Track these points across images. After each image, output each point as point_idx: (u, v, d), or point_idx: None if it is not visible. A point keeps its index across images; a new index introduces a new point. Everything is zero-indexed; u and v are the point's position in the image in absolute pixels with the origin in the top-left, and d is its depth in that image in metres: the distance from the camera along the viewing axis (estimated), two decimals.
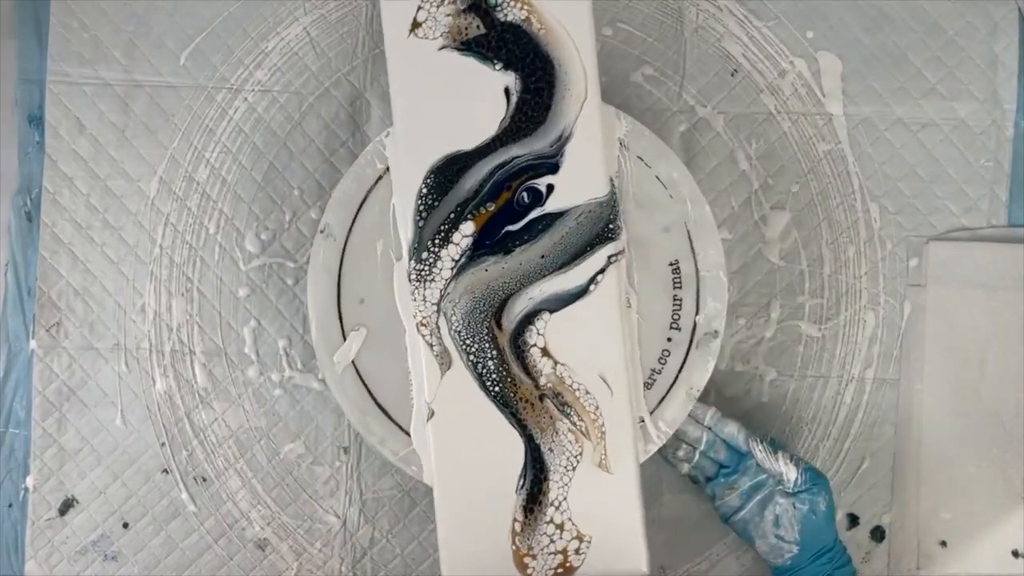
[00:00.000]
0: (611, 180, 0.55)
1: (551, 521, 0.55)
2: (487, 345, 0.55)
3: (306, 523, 0.66)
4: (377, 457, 0.66)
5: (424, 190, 0.54)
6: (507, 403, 0.55)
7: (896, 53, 0.66)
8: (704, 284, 0.58)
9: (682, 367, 0.58)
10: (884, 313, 0.66)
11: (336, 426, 0.66)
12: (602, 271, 0.55)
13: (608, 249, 0.55)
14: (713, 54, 0.66)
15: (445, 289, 0.55)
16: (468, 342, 0.55)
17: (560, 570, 0.55)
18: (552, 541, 0.55)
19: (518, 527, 0.55)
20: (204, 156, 0.66)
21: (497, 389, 0.55)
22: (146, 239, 0.66)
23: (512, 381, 0.55)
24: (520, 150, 0.54)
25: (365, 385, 0.58)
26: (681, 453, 0.63)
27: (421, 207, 0.55)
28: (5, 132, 0.66)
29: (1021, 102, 0.66)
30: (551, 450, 0.55)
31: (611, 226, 0.55)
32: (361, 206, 0.57)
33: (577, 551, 0.55)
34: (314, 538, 0.66)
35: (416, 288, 0.55)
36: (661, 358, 0.58)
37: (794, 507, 0.58)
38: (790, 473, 0.59)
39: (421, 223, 0.55)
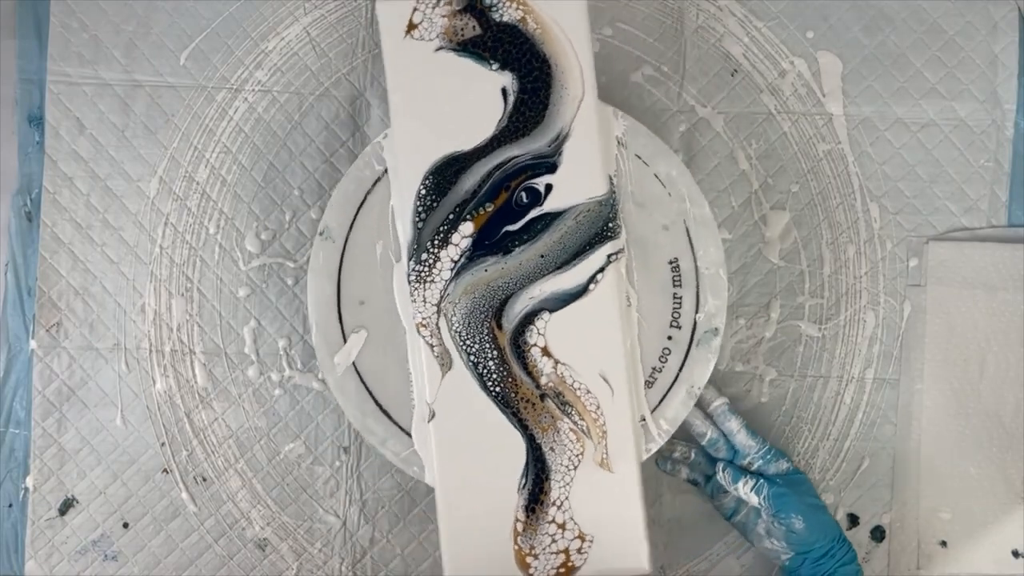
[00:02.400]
0: (610, 178, 0.55)
1: (553, 521, 0.55)
2: (487, 345, 0.55)
3: (306, 523, 0.66)
4: (377, 457, 0.66)
5: (423, 191, 0.54)
6: (508, 403, 0.55)
7: (896, 53, 0.66)
8: (704, 282, 0.58)
9: (683, 365, 0.58)
10: (884, 313, 0.66)
11: (336, 426, 0.66)
12: (602, 270, 0.55)
13: (607, 248, 0.55)
14: (713, 54, 0.66)
15: (445, 290, 0.55)
16: (468, 342, 0.55)
17: (562, 570, 0.55)
18: (554, 541, 0.55)
19: (520, 527, 0.55)
20: (204, 156, 0.66)
21: (498, 389, 0.55)
22: (146, 239, 0.66)
23: (513, 381, 0.55)
24: (518, 150, 0.54)
25: (365, 386, 0.58)
26: (677, 454, 0.63)
27: (420, 208, 0.54)
28: (5, 132, 0.66)
29: (1021, 102, 0.66)
30: (552, 449, 0.55)
31: (610, 225, 0.55)
32: (360, 207, 0.58)
33: (579, 550, 0.55)
34: (314, 538, 0.66)
35: (416, 289, 0.55)
36: (662, 356, 0.58)
37: (773, 525, 0.59)
38: (751, 500, 0.59)
39: (420, 224, 0.55)
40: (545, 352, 0.55)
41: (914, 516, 0.66)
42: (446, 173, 0.54)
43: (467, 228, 0.55)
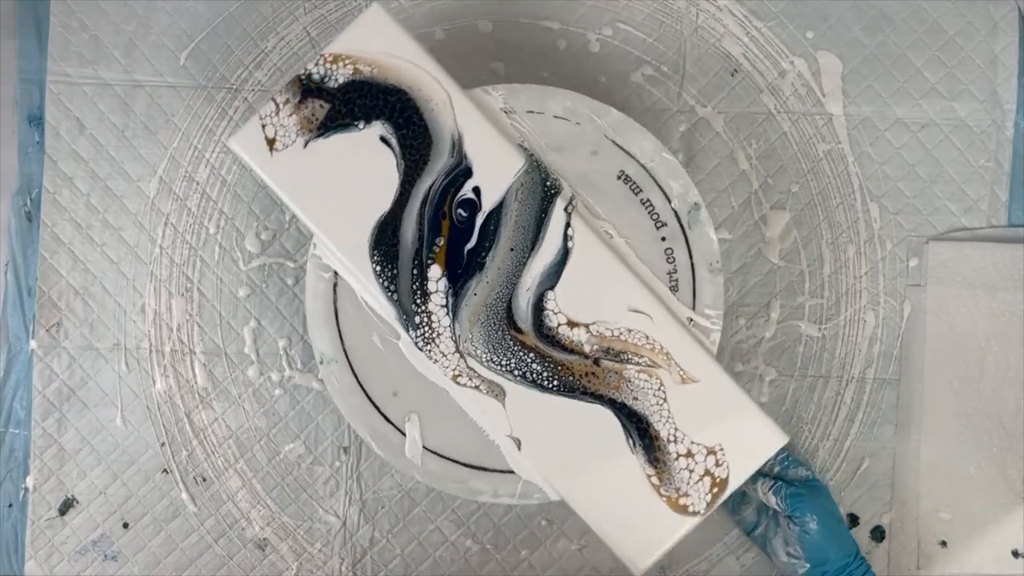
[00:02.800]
0: (520, 147, 0.55)
1: (679, 456, 0.55)
2: (520, 353, 0.55)
3: (306, 523, 0.66)
4: (377, 457, 0.66)
5: (376, 268, 0.54)
6: (572, 388, 0.55)
7: (896, 53, 0.66)
8: (657, 174, 0.57)
9: (689, 252, 0.58)
10: (884, 313, 0.66)
11: (336, 426, 0.66)
12: (568, 224, 0.55)
13: (559, 204, 0.55)
14: (713, 54, 0.66)
15: (454, 334, 0.55)
16: (504, 362, 0.55)
17: (715, 489, 0.55)
18: (691, 471, 0.55)
19: (656, 480, 0.55)
20: (204, 156, 0.66)
21: (556, 383, 0.55)
22: (146, 239, 0.66)
23: (563, 367, 0.55)
24: (430, 178, 0.55)
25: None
26: None
27: (385, 284, 0.55)
28: (5, 132, 0.66)
29: (1021, 102, 0.66)
30: (636, 399, 0.55)
31: (548, 183, 0.55)
32: (338, 317, 0.57)
33: (717, 463, 0.55)
34: (314, 538, 0.66)
35: (430, 350, 0.55)
36: (667, 258, 0.58)
37: (788, 528, 0.59)
38: (769, 501, 0.59)
39: (394, 296, 0.55)
40: (571, 324, 0.55)
41: (914, 516, 0.66)
42: (385, 239, 0.54)
43: (435, 271, 0.55)
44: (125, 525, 0.66)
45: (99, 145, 0.66)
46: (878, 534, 0.66)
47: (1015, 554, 0.66)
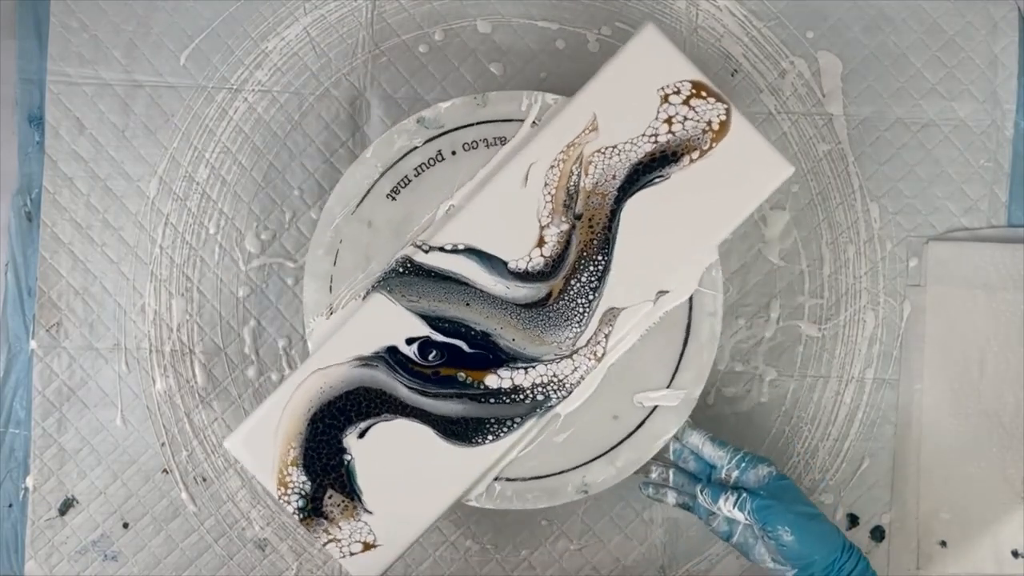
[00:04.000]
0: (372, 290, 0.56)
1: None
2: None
3: None
4: None
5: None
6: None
7: (896, 53, 0.66)
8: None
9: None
10: (884, 313, 0.66)
11: None
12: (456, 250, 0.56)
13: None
14: (713, 54, 0.66)
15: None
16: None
17: None
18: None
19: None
20: (204, 156, 0.66)
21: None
22: (146, 239, 0.66)
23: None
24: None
25: None
26: (654, 475, 0.59)
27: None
28: (5, 132, 0.66)
29: (1021, 102, 0.66)
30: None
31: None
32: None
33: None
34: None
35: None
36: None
37: (765, 540, 0.55)
38: (737, 517, 0.55)
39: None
40: (532, 260, 0.56)
41: (914, 516, 0.66)
42: (464, 432, 0.56)
43: (492, 380, 0.56)
44: (125, 525, 0.66)
45: (99, 145, 0.66)
46: (878, 534, 0.66)
47: (1015, 554, 0.66)
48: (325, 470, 0.55)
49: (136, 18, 0.66)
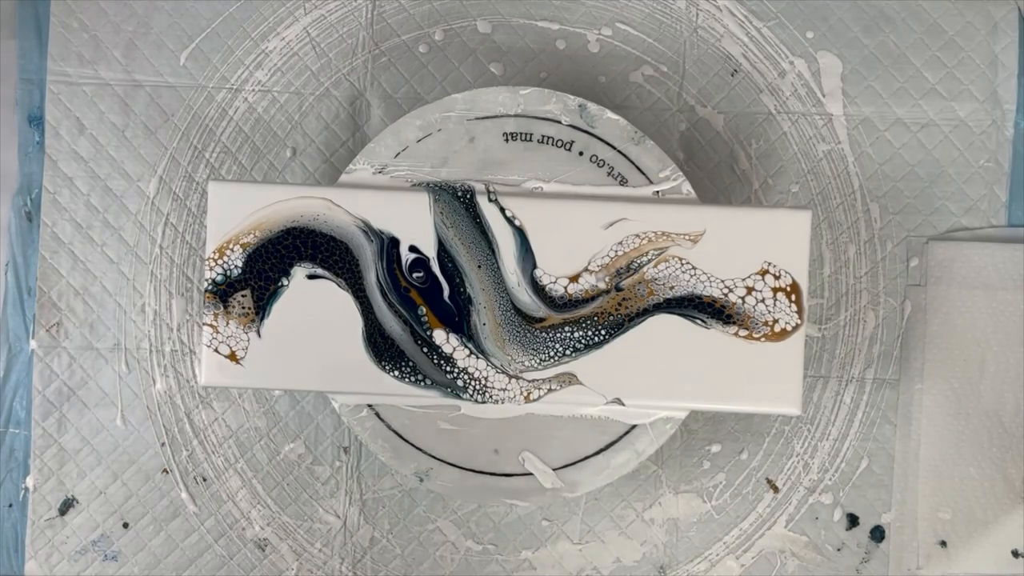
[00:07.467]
0: (415, 184, 0.56)
1: (742, 298, 0.55)
2: (556, 335, 0.56)
3: (306, 523, 0.66)
4: (377, 457, 0.66)
5: (396, 374, 0.56)
6: (619, 324, 0.55)
7: (896, 53, 0.66)
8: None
9: (606, 142, 0.57)
10: (884, 313, 0.66)
11: (336, 426, 0.66)
12: (502, 209, 0.56)
13: (481, 200, 0.56)
14: (713, 54, 0.66)
15: (496, 369, 0.56)
16: (551, 353, 0.56)
17: (792, 296, 0.55)
18: (763, 301, 0.55)
19: (743, 333, 0.55)
20: (204, 156, 0.66)
21: (603, 332, 0.56)
22: (146, 239, 0.66)
23: (598, 316, 0.55)
24: (371, 271, 0.55)
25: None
26: None
27: (412, 381, 0.56)
28: (5, 132, 0.66)
29: (1021, 102, 0.66)
30: (672, 288, 0.55)
31: (460, 192, 0.55)
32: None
33: (776, 275, 0.55)
34: (314, 538, 0.66)
35: (490, 396, 0.56)
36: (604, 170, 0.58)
37: None
38: None
39: (428, 382, 0.56)
40: (574, 279, 0.55)
41: (914, 516, 0.66)
42: (381, 347, 0.55)
43: (440, 335, 0.55)
44: (125, 525, 0.66)
45: (99, 145, 0.66)
46: (878, 534, 0.66)
47: (1015, 554, 0.66)
48: (258, 274, 0.55)
49: (136, 18, 0.66)
